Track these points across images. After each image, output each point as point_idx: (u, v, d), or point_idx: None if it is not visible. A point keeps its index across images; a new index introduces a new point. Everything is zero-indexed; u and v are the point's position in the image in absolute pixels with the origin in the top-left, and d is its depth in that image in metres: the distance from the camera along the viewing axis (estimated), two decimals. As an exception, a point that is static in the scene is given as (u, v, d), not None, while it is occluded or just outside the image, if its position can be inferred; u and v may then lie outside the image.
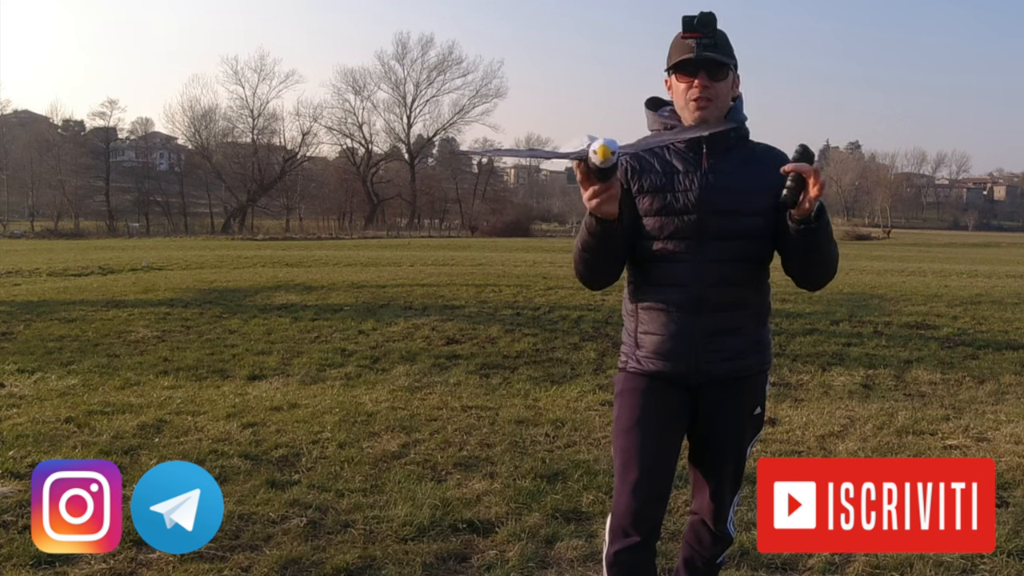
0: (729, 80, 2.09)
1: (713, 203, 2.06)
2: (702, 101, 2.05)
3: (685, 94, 2.07)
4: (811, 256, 2.05)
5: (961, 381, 6.23)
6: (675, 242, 2.08)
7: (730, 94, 2.11)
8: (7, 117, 68.64)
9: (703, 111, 2.06)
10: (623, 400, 2.18)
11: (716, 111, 2.07)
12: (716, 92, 2.06)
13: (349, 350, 7.14)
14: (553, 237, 56.83)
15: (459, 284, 11.25)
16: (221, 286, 11.52)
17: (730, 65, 2.07)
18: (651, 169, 2.11)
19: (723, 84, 2.07)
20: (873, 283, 12.35)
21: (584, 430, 4.78)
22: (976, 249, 42.16)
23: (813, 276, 2.12)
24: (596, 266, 2.07)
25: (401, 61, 73.59)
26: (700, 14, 2.03)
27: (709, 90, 2.05)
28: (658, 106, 2.21)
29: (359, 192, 71.25)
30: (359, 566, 2.99)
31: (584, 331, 7.84)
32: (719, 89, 2.06)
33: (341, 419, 4.86)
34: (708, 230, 2.06)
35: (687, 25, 2.04)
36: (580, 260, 2.07)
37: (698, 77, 2.05)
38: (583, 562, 3.05)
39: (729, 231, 2.06)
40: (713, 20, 2.02)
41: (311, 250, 27.70)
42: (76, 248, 29.70)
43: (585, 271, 2.09)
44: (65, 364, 6.58)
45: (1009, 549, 3.09)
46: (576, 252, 2.07)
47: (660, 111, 2.19)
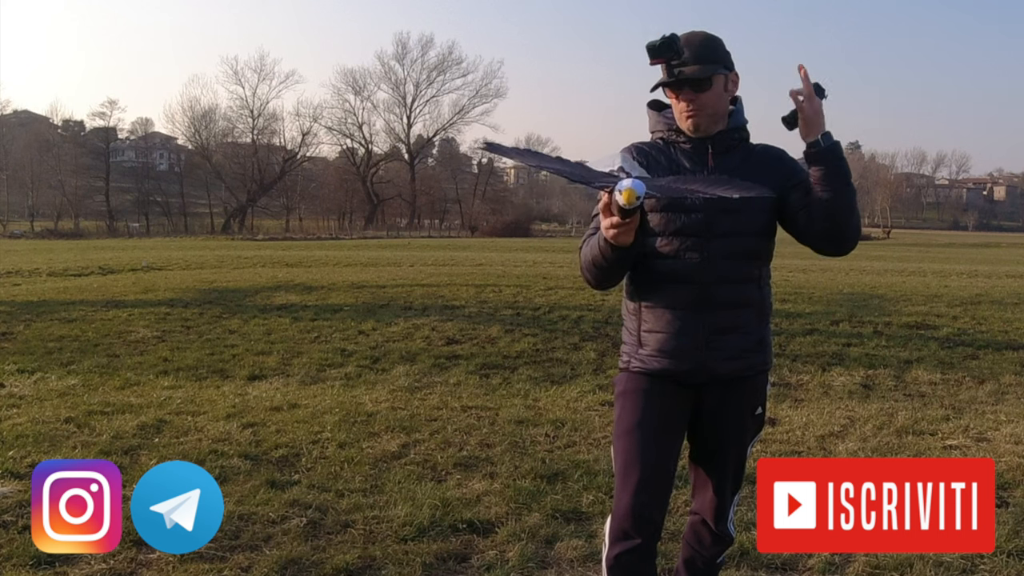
0: (717, 87, 2.11)
1: (719, 201, 2.06)
2: (690, 114, 2.11)
3: (677, 106, 2.14)
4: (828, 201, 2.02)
5: (961, 381, 6.23)
6: (681, 239, 2.09)
7: (723, 98, 2.13)
8: (7, 117, 68.73)
9: (693, 120, 2.11)
10: (625, 400, 2.18)
11: (707, 119, 2.12)
12: (703, 103, 2.10)
13: (349, 350, 7.14)
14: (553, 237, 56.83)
15: (459, 284, 11.25)
16: (221, 286, 11.52)
17: (711, 75, 2.08)
18: (658, 166, 2.13)
19: (709, 94, 2.10)
20: (873, 283, 12.36)
21: (584, 430, 4.77)
22: (976, 249, 42.18)
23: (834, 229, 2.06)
24: (606, 279, 2.10)
25: (401, 61, 73.78)
26: (660, 40, 2.05)
27: (695, 102, 2.09)
28: (661, 107, 2.23)
29: (359, 192, 71.27)
30: (359, 566, 2.99)
31: (584, 331, 7.84)
32: (705, 100, 2.10)
33: (341, 419, 4.86)
34: (714, 228, 2.08)
35: (650, 53, 2.07)
36: (589, 271, 2.10)
37: (681, 94, 2.10)
38: (583, 562, 3.05)
39: (734, 229, 2.08)
40: (674, 42, 2.05)
41: (311, 250, 27.70)
42: (76, 248, 29.71)
43: (593, 281, 2.12)
44: (65, 364, 6.58)
45: (1009, 549, 3.09)
46: (585, 263, 2.09)
47: (663, 112, 2.22)
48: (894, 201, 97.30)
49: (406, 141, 74.22)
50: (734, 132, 2.15)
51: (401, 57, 74.10)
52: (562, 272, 13.90)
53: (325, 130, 76.45)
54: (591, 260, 2.05)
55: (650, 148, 2.17)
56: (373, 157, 73.27)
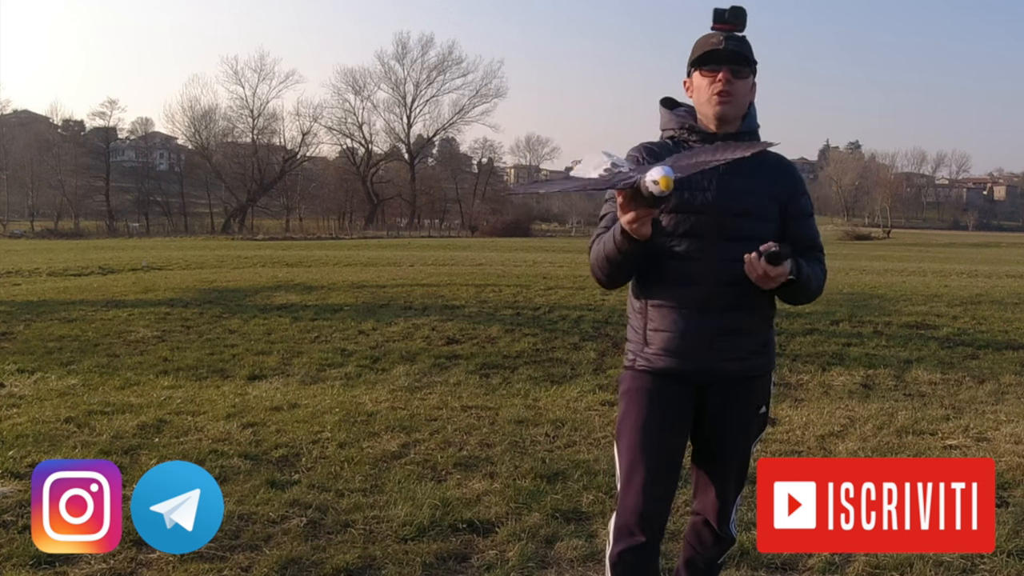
0: (749, 82, 2.11)
1: (729, 203, 2.07)
2: (724, 95, 2.07)
3: (709, 88, 2.08)
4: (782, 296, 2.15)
5: (961, 381, 6.23)
6: (690, 240, 2.08)
7: (748, 97, 2.13)
8: (7, 117, 68.73)
9: (724, 105, 2.08)
10: (629, 399, 2.17)
11: (735, 109, 2.10)
12: (737, 90, 2.08)
13: (349, 350, 7.14)
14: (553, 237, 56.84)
15: (459, 284, 11.25)
16: (221, 286, 11.52)
17: (752, 66, 2.10)
18: None
19: (743, 83, 2.09)
20: (873, 283, 12.36)
21: (584, 430, 4.77)
22: (976, 249, 42.16)
23: (787, 303, 2.20)
24: (618, 275, 2.10)
25: (401, 61, 73.73)
26: (732, 7, 2.04)
27: (732, 85, 2.07)
28: (674, 106, 2.21)
29: (359, 192, 71.27)
30: (359, 566, 2.99)
31: (584, 331, 7.83)
32: (740, 88, 2.08)
33: (341, 419, 4.86)
34: (723, 230, 2.07)
35: (718, 17, 2.05)
36: (602, 269, 2.08)
37: (723, 70, 2.07)
38: (583, 562, 3.05)
39: (743, 232, 2.06)
40: (744, 14, 2.04)
41: (311, 250, 27.70)
42: (76, 248, 29.71)
43: (604, 278, 2.11)
44: (65, 364, 6.58)
45: (1009, 549, 3.09)
46: (598, 260, 2.08)
47: (676, 110, 2.20)
48: (894, 201, 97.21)
49: (406, 141, 74.29)
50: (745, 135, 2.14)
51: (401, 57, 74.12)
52: (562, 272, 13.89)
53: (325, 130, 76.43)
54: (604, 256, 2.04)
55: (659, 148, 2.15)
56: (373, 157, 73.30)
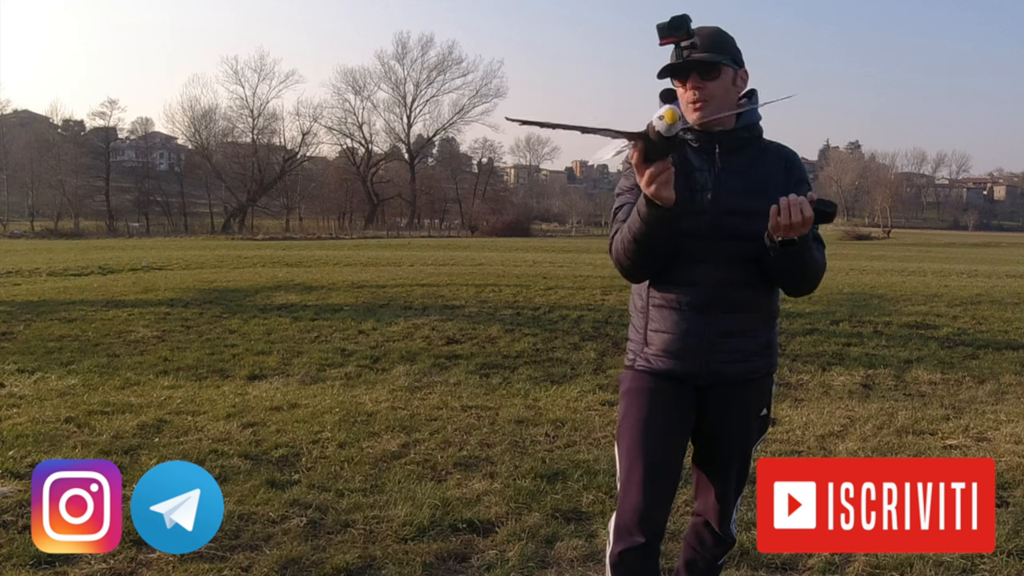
0: (725, 78, 2.05)
1: (727, 203, 2.04)
2: (698, 103, 2.03)
3: (684, 97, 2.07)
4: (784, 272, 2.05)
5: (961, 381, 6.22)
6: (690, 240, 2.05)
7: (731, 91, 2.07)
8: (7, 117, 68.68)
9: (701, 111, 2.04)
10: (630, 399, 2.16)
11: (714, 110, 2.04)
12: (710, 92, 2.03)
13: (349, 350, 7.14)
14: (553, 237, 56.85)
15: (459, 284, 11.25)
16: (221, 286, 11.52)
17: (721, 62, 2.03)
18: None
19: (717, 83, 2.04)
20: (873, 283, 12.35)
21: (584, 430, 4.77)
22: (976, 249, 42.15)
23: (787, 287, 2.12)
24: (647, 258, 2.02)
25: (401, 61, 73.81)
26: (671, 18, 1.97)
27: (703, 91, 2.02)
28: (672, 98, 2.20)
29: (359, 192, 71.31)
30: (359, 566, 2.99)
31: (584, 331, 7.83)
32: (713, 89, 2.03)
33: (341, 419, 4.86)
34: (723, 230, 2.04)
35: (661, 32, 1.99)
36: (628, 252, 2.02)
37: (689, 80, 2.04)
38: (583, 562, 3.04)
39: (742, 232, 2.03)
40: (686, 22, 1.97)
41: (311, 250, 27.70)
42: (76, 248, 29.71)
43: (630, 264, 2.04)
44: (65, 364, 6.58)
45: (1009, 549, 3.09)
46: (623, 244, 2.02)
47: (674, 103, 2.18)
48: (894, 201, 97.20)
49: (406, 141, 74.34)
50: (743, 131, 2.10)
51: (401, 57, 74.20)
52: (562, 272, 13.89)
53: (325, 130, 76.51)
54: (631, 237, 1.98)
55: None
56: (373, 157, 73.35)
